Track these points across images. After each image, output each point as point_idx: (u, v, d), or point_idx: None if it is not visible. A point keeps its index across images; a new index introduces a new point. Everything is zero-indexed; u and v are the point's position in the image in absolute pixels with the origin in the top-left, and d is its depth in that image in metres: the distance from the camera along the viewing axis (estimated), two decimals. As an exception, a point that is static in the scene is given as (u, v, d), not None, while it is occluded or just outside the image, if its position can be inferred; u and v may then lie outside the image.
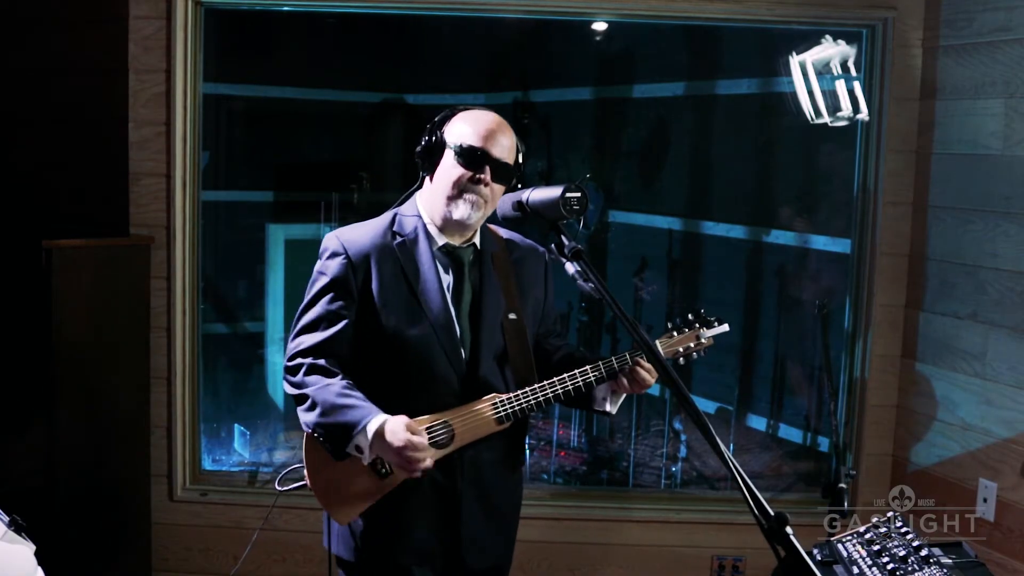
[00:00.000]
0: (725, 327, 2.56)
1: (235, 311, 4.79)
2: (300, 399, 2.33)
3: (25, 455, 3.32)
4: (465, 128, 2.34)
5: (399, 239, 2.39)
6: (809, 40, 3.68)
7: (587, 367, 2.39)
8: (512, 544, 2.60)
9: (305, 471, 2.37)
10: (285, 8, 4.02)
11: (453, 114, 2.40)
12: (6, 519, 2.17)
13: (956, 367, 3.53)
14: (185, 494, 3.80)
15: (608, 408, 2.49)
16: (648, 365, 2.39)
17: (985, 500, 3.37)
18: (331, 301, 2.35)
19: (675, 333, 2.49)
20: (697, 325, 2.54)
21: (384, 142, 5.08)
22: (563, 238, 2.09)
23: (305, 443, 2.36)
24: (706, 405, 4.96)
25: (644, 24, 4.21)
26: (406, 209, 2.45)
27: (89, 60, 3.74)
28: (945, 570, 2.39)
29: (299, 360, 2.35)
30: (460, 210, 2.32)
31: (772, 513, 1.52)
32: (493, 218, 2.42)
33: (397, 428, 2.24)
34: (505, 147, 2.33)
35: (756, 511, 1.54)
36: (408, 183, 2.51)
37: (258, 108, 5.06)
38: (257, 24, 4.46)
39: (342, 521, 2.37)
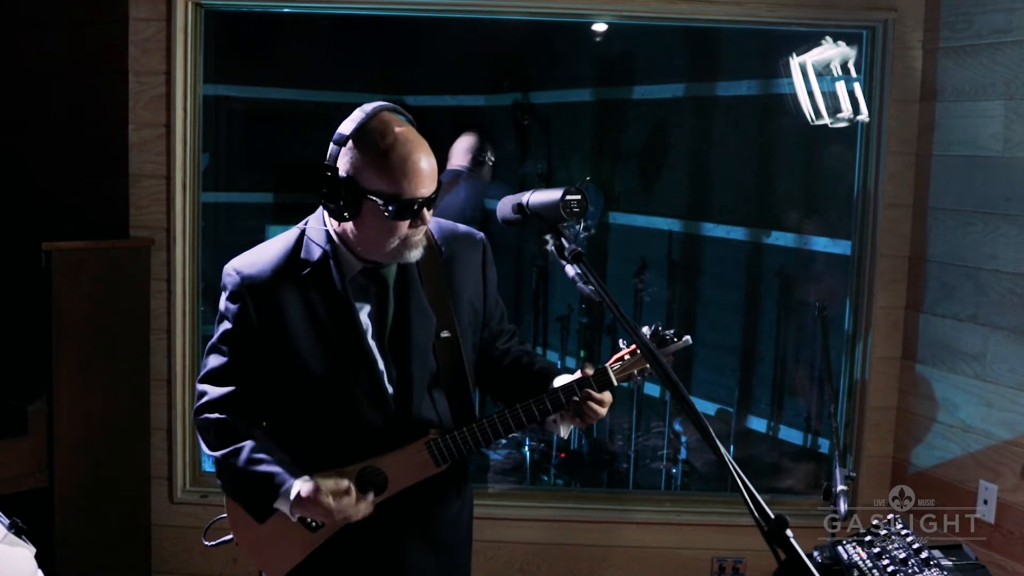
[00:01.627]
0: (687, 340, 2.19)
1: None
2: (214, 461, 2.18)
3: (25, 457, 3.32)
4: (384, 173, 2.02)
5: (306, 269, 2.12)
6: (809, 41, 3.68)
7: (530, 401, 2.15)
8: (468, 573, 2.40)
9: (231, 527, 2.25)
10: (285, 10, 4.02)
11: (355, 144, 2.04)
12: (6, 522, 2.17)
13: (956, 369, 3.53)
14: (185, 496, 3.80)
15: (561, 433, 2.25)
16: (599, 396, 2.16)
17: (985, 502, 3.36)
18: (234, 349, 2.14)
19: (627, 356, 2.18)
20: (653, 344, 2.12)
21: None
22: (563, 240, 2.08)
23: (227, 501, 2.24)
24: (706, 407, 4.97)
25: (644, 25, 4.21)
26: (313, 230, 2.15)
27: (89, 62, 3.74)
28: (945, 572, 2.39)
29: (205, 415, 2.15)
30: (407, 255, 2.10)
31: (772, 515, 1.52)
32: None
33: (325, 487, 2.06)
34: (431, 175, 2.06)
35: (756, 513, 1.54)
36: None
37: (258, 109, 5.07)
38: (257, 26, 4.46)
39: None
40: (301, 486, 2.07)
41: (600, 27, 4.63)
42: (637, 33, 4.81)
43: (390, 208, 2.02)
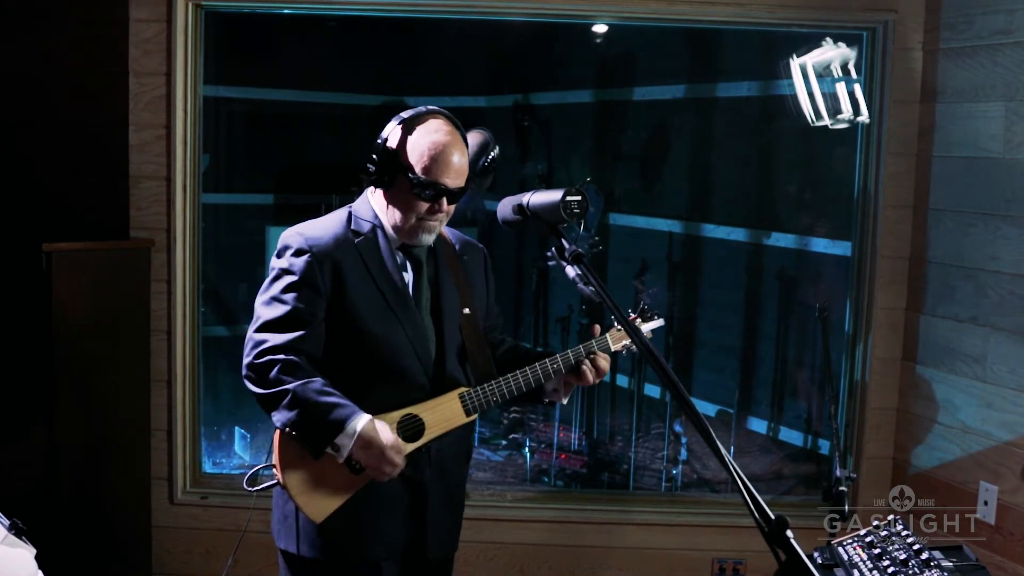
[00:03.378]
0: (660, 322, 2.64)
1: (235, 314, 4.79)
2: (275, 397, 2.29)
3: (25, 459, 3.32)
4: (420, 154, 2.32)
5: (359, 238, 2.40)
6: (810, 43, 3.68)
7: (553, 357, 2.46)
8: (459, 535, 2.65)
9: (277, 469, 2.35)
10: (285, 11, 4.02)
11: (406, 127, 2.37)
12: (6, 523, 2.17)
13: (956, 370, 3.53)
14: (185, 497, 3.80)
15: (562, 399, 2.55)
16: (605, 355, 2.51)
17: (986, 503, 3.36)
18: (299, 299, 2.32)
19: (606, 336, 2.53)
20: (639, 321, 2.60)
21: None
22: (563, 242, 2.09)
23: (278, 441, 2.34)
24: (706, 408, 4.97)
25: (644, 27, 4.21)
26: (360, 209, 2.44)
27: (89, 63, 3.74)
28: (945, 573, 2.39)
29: (269, 357, 2.30)
30: (419, 238, 2.39)
31: (772, 516, 1.52)
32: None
33: (384, 430, 2.28)
34: (459, 171, 2.35)
35: (756, 514, 1.54)
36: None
37: (258, 111, 5.07)
38: (257, 27, 4.46)
39: (317, 518, 2.35)
40: (369, 422, 2.26)
41: (600, 28, 4.63)
42: (637, 34, 4.81)
43: (415, 185, 2.31)
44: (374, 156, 2.37)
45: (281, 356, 2.29)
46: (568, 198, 2.11)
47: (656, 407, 5.10)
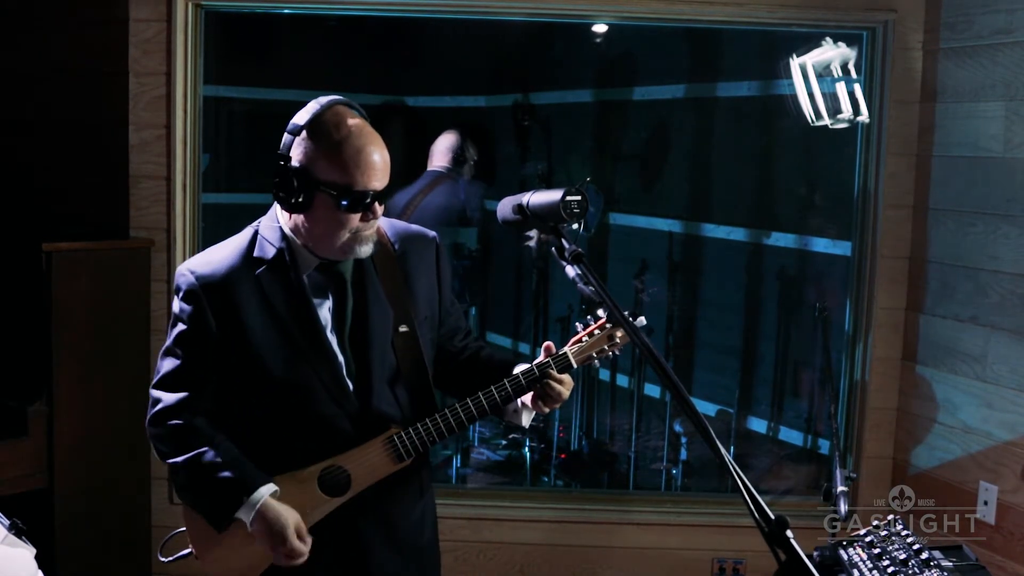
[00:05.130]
0: (642, 320, 2.18)
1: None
2: (172, 469, 2.10)
3: (25, 458, 3.32)
4: (336, 163, 2.02)
5: (261, 267, 2.10)
6: (810, 42, 3.68)
7: (501, 384, 2.15)
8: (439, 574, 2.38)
9: (189, 541, 2.21)
10: (285, 10, 4.02)
11: (309, 135, 2.05)
12: (6, 523, 2.17)
13: (957, 370, 3.53)
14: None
15: (522, 422, 2.26)
16: (561, 377, 2.17)
17: (986, 503, 3.36)
18: (189, 351, 2.08)
19: (585, 338, 2.21)
20: (609, 325, 2.21)
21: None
22: (563, 241, 2.08)
23: (184, 511, 2.19)
24: (706, 407, 4.97)
25: (644, 26, 4.21)
26: (267, 228, 2.15)
27: (89, 63, 3.74)
28: (945, 573, 2.39)
29: (162, 426, 2.09)
30: (358, 251, 2.09)
31: (772, 516, 1.52)
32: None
33: (285, 511, 2.05)
34: (384, 168, 2.06)
35: (756, 514, 1.53)
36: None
37: (258, 110, 5.06)
38: (257, 26, 4.46)
39: None
40: (270, 501, 2.05)
41: (600, 28, 4.63)
42: (637, 34, 4.81)
43: (342, 200, 2.01)
44: (277, 179, 2.07)
45: (172, 422, 2.08)
46: (568, 198, 2.09)
47: (656, 407, 5.11)
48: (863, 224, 3.78)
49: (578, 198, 2.09)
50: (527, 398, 2.22)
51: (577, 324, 2.26)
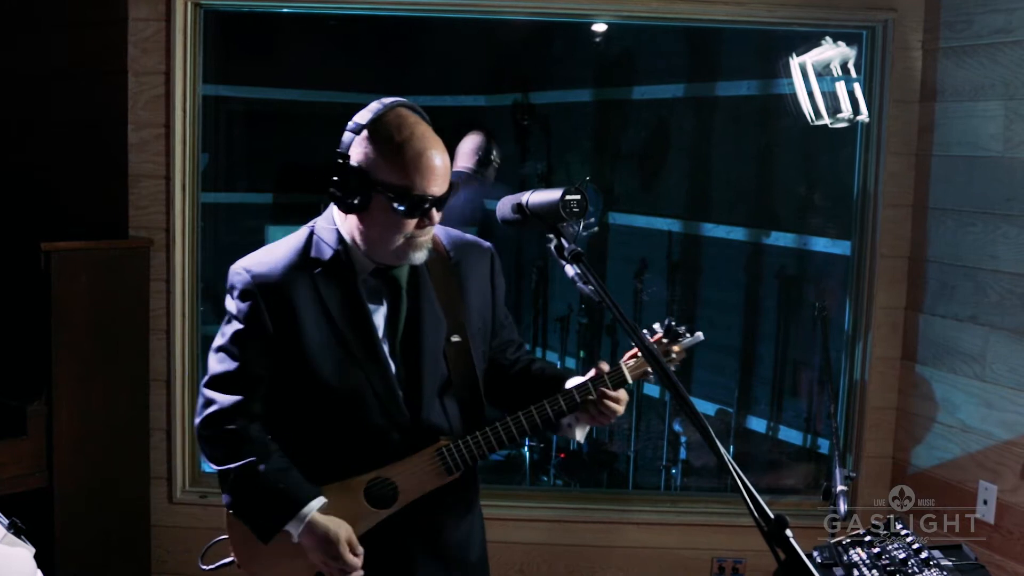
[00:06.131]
0: (699, 336, 2.20)
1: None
2: (221, 475, 2.08)
3: (25, 457, 3.32)
4: (395, 166, 1.97)
5: (318, 268, 2.07)
6: (809, 42, 3.68)
7: (554, 398, 2.10)
8: None
9: (231, 548, 2.18)
10: (285, 10, 4.02)
11: (370, 136, 2.00)
12: (6, 522, 2.17)
13: (956, 369, 3.52)
14: (184, 496, 3.80)
15: (577, 436, 2.20)
16: (615, 394, 2.12)
17: (985, 502, 3.36)
18: (245, 351, 2.05)
19: (620, 365, 2.16)
20: (666, 340, 2.18)
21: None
22: (563, 241, 2.08)
23: (228, 519, 2.16)
24: (706, 407, 4.97)
25: (644, 26, 4.21)
26: (323, 229, 2.11)
27: (89, 62, 3.73)
28: (945, 572, 2.39)
29: (214, 429, 2.07)
30: (411, 257, 2.05)
31: (772, 515, 1.52)
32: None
33: (336, 523, 2.03)
34: (444, 174, 2.01)
35: (756, 513, 1.53)
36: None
37: (258, 110, 5.07)
38: (257, 26, 4.46)
39: None
40: (320, 515, 2.03)
41: (600, 27, 4.63)
42: (637, 33, 4.82)
43: (399, 203, 1.97)
44: (336, 178, 2.01)
45: (227, 427, 2.05)
46: (567, 197, 2.09)
47: (655, 406, 5.11)
48: (863, 223, 3.77)
49: (577, 197, 2.09)
50: (581, 414, 2.15)
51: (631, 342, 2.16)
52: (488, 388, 2.25)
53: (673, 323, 2.19)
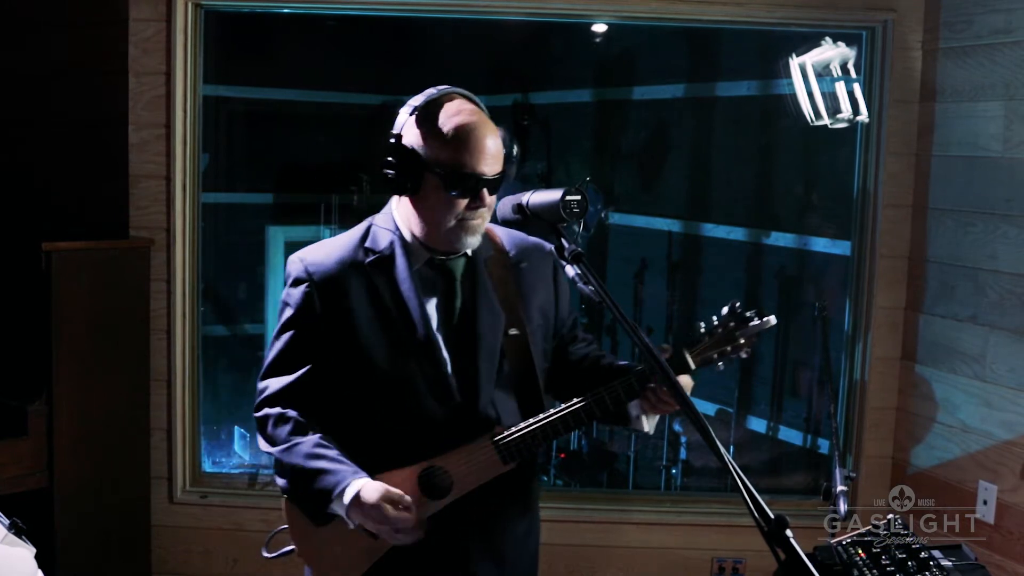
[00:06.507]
0: (771, 320, 2.13)
1: (235, 313, 4.79)
2: (275, 462, 2.10)
3: (25, 457, 3.32)
4: (446, 143, 2.00)
5: (372, 256, 2.09)
6: (809, 42, 3.68)
7: (601, 389, 2.06)
8: None
9: (290, 536, 2.16)
10: (285, 10, 4.02)
11: (421, 116, 2.04)
12: (6, 522, 2.17)
13: (956, 369, 3.53)
14: (185, 496, 3.80)
15: (645, 427, 2.16)
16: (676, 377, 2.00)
17: (985, 502, 3.36)
18: (295, 339, 2.08)
19: (707, 336, 2.14)
20: (732, 324, 2.15)
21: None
22: (563, 241, 2.08)
23: (285, 506, 2.16)
24: (706, 407, 4.97)
25: (644, 26, 4.21)
26: (381, 220, 2.15)
27: (89, 62, 3.74)
28: (945, 572, 2.39)
29: (265, 411, 2.09)
30: (462, 242, 2.06)
31: (772, 515, 1.52)
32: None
33: (377, 489, 1.98)
34: (496, 155, 2.03)
35: (756, 513, 1.54)
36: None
37: (258, 110, 5.07)
38: (257, 26, 4.46)
39: None
40: (360, 487, 1.98)
41: (600, 28, 4.63)
42: (637, 33, 4.82)
43: (450, 181, 2.00)
44: (389, 159, 2.04)
45: (274, 410, 2.07)
46: (568, 197, 2.09)
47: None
48: (862, 224, 3.78)
49: (578, 197, 2.09)
50: (644, 403, 2.12)
51: (701, 324, 2.17)
52: (556, 384, 2.26)
53: (739, 305, 2.15)
